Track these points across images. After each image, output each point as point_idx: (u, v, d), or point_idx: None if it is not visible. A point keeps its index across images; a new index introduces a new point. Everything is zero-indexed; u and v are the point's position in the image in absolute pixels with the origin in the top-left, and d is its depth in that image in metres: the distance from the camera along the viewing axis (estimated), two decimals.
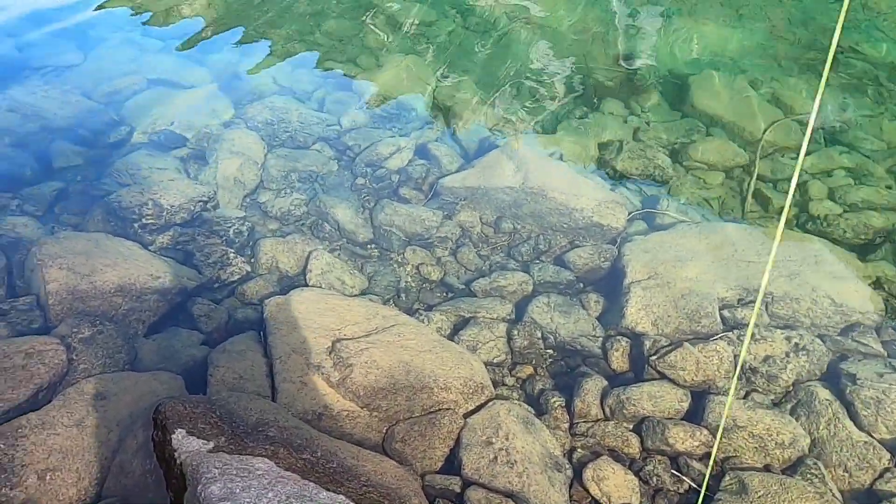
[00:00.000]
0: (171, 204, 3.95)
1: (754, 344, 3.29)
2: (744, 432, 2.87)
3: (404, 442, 2.74)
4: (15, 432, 2.50)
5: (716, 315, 3.42)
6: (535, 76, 5.82)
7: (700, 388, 3.14)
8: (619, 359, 3.32)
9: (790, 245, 3.94)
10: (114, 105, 5.07)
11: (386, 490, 2.33)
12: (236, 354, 3.03)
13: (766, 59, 6.09)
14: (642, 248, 3.87)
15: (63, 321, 3.13)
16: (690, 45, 6.29)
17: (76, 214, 3.98)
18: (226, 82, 5.47)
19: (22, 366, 2.78)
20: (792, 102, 5.37)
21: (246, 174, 4.39)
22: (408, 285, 3.81)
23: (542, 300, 3.62)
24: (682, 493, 2.74)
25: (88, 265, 3.34)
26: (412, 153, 4.72)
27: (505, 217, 4.24)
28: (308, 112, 5.13)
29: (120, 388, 2.80)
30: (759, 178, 4.65)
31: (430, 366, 3.03)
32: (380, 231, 4.09)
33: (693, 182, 4.70)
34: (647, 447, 2.90)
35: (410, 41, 6.34)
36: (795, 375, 3.20)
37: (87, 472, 2.47)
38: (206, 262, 3.75)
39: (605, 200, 4.18)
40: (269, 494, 2.08)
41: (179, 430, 2.35)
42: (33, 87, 5.09)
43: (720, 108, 5.21)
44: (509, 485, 2.60)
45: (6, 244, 3.62)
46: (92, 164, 4.43)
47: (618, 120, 5.22)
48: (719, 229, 4.04)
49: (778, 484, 2.63)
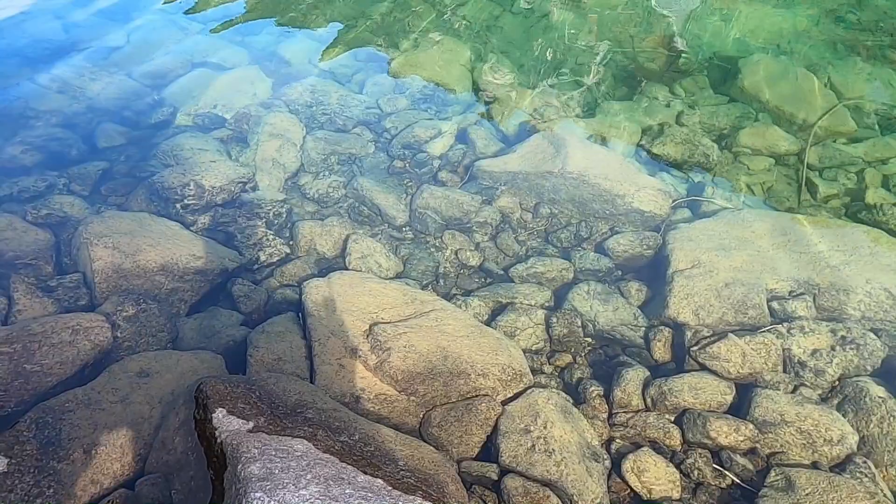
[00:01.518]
0: (213, 185, 3.99)
1: (803, 337, 3.18)
2: (791, 427, 2.78)
3: (441, 427, 2.73)
4: (62, 406, 2.57)
5: (763, 306, 3.32)
6: (576, 59, 5.70)
7: (745, 381, 3.05)
8: (662, 349, 3.25)
9: (841, 234, 3.78)
10: (156, 86, 5.14)
11: (423, 475, 2.32)
12: (275, 336, 3.05)
13: (820, 42, 5.85)
14: (686, 235, 3.76)
15: (108, 299, 3.19)
16: (739, 27, 6.08)
17: (120, 194, 4.05)
18: (266, 64, 5.49)
19: (69, 342, 2.84)
20: (847, 88, 5.16)
21: (285, 156, 4.40)
22: (446, 270, 3.78)
23: (583, 287, 3.56)
24: (723, 488, 2.67)
25: (132, 244, 3.39)
26: (453, 138, 4.67)
27: (544, 202, 4.17)
28: (347, 94, 5.12)
29: (162, 366, 2.84)
30: (809, 166, 4.48)
31: (467, 351, 3.01)
32: (416, 214, 4.06)
33: (740, 168, 4.55)
34: (689, 440, 2.83)
35: (450, 23, 6.26)
36: (842, 370, 3.09)
37: (130, 448, 2.52)
38: (245, 243, 3.78)
39: (648, 186, 4.08)
40: (307, 476, 2.09)
41: (220, 410, 2.38)
42: (79, 69, 5.19)
43: (770, 92, 5.02)
44: (547, 474, 2.57)
45: (54, 223, 3.71)
46: (135, 144, 4.50)
47: (662, 104, 5.08)
48: (767, 217, 3.90)
49: (826, 481, 2.54)
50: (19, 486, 2.31)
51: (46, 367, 2.72)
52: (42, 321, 2.92)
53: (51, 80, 5.00)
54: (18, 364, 2.68)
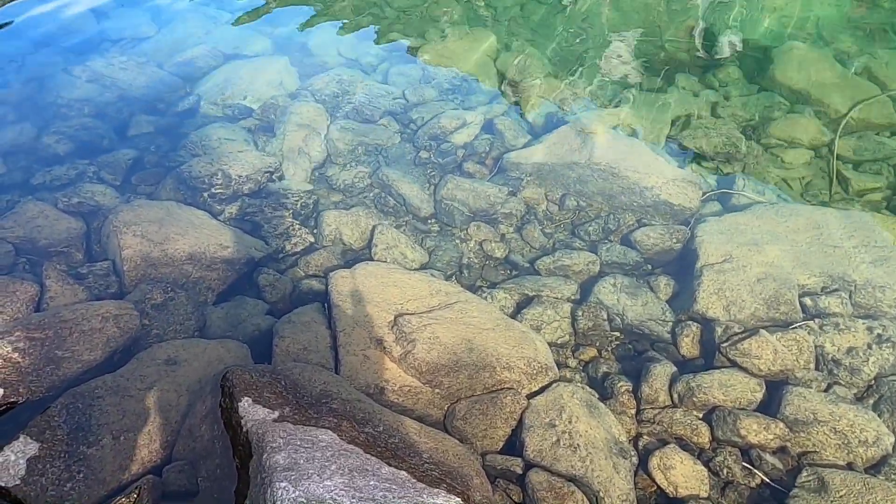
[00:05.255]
0: (239, 174, 4.01)
1: (837, 334, 3.10)
2: (825, 427, 2.72)
3: (465, 420, 2.72)
4: (92, 392, 2.60)
5: (795, 302, 3.24)
6: (605, 49, 5.61)
7: (777, 379, 2.98)
8: (690, 344, 3.19)
9: (877, 229, 3.68)
10: (185, 76, 5.17)
11: (448, 468, 2.31)
12: (301, 326, 3.06)
13: (856, 30, 5.68)
14: (717, 229, 3.69)
15: (137, 287, 3.23)
16: (771, 15, 5.93)
17: (150, 183, 4.09)
18: (293, 55, 5.49)
19: (99, 329, 2.88)
20: (885, 77, 5.00)
21: (311, 146, 4.41)
22: (471, 262, 3.75)
23: (609, 281, 3.51)
24: (752, 488, 2.62)
25: (161, 233, 3.42)
26: (479, 129, 4.63)
27: (570, 194, 4.12)
28: (373, 84, 5.10)
29: (190, 354, 2.87)
30: (839, 158, 4.35)
31: (492, 344, 2.98)
32: (441, 206, 4.04)
33: (772, 161, 4.44)
34: (718, 437, 2.78)
35: (477, 13, 6.20)
36: (878, 369, 3.01)
37: (158, 435, 2.55)
38: (272, 232, 3.79)
39: (677, 179, 4.01)
40: (332, 467, 2.09)
41: (246, 399, 2.39)
42: (110, 59, 5.24)
43: (804, 82, 4.89)
44: (572, 469, 2.54)
45: (86, 211, 3.76)
46: (164, 133, 4.54)
47: (692, 95, 4.98)
48: (800, 211, 3.81)
49: (861, 483, 2.48)
50: (50, 469, 2.35)
51: (77, 354, 2.76)
52: (73, 308, 2.96)
53: (82, 70, 5.07)
54: (50, 350, 2.73)
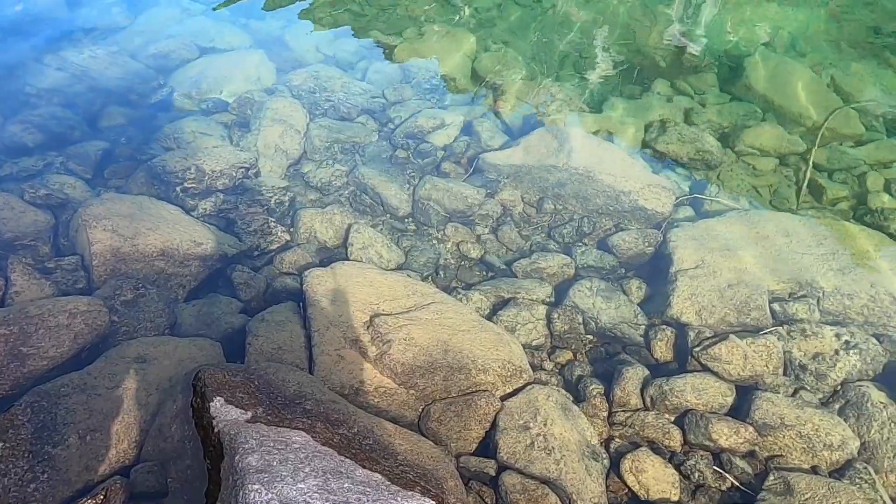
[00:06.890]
0: (213, 169, 3.94)
1: (804, 340, 3.16)
2: (791, 431, 2.77)
3: (440, 422, 2.71)
4: (58, 390, 2.54)
5: (766, 308, 3.30)
6: (583, 53, 5.65)
7: (746, 383, 3.03)
8: (663, 348, 3.23)
9: (846, 238, 3.76)
10: (159, 68, 5.08)
11: (422, 471, 2.30)
12: (276, 325, 3.02)
13: (827, 43, 5.82)
14: (690, 234, 3.74)
15: (106, 283, 3.16)
16: (746, 25, 6.04)
17: (120, 176, 4.00)
18: (270, 49, 5.43)
19: (66, 325, 2.81)
20: (852, 89, 5.13)
21: (288, 143, 4.36)
22: (447, 262, 3.75)
23: (585, 284, 3.53)
24: (723, 491, 2.66)
25: (132, 228, 3.35)
26: (458, 130, 4.62)
27: (547, 197, 4.14)
28: (351, 82, 5.06)
29: (160, 352, 2.81)
30: (814, 167, 4.45)
31: (468, 346, 2.98)
32: (419, 206, 4.03)
33: (744, 168, 4.53)
34: (690, 441, 2.81)
35: (456, 13, 6.20)
36: (845, 375, 3.08)
37: (126, 435, 2.49)
38: (246, 229, 3.74)
39: (652, 184, 4.05)
40: (305, 469, 2.07)
41: (218, 398, 2.35)
42: (82, 48, 5.12)
43: (776, 91, 4.99)
44: (546, 471, 2.55)
45: (54, 204, 3.66)
46: (137, 125, 4.45)
47: (667, 101, 5.04)
48: (771, 218, 3.88)
49: (826, 487, 2.53)
50: (13, 470, 2.28)
51: (43, 351, 2.69)
52: (39, 304, 2.88)
53: (53, 58, 4.93)
54: (14, 347, 2.65)
